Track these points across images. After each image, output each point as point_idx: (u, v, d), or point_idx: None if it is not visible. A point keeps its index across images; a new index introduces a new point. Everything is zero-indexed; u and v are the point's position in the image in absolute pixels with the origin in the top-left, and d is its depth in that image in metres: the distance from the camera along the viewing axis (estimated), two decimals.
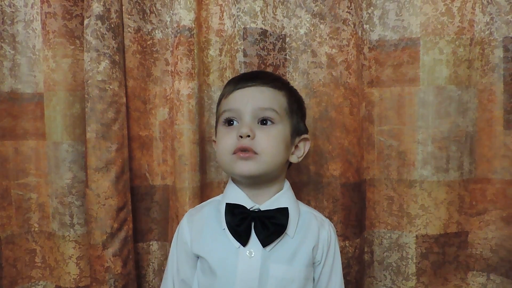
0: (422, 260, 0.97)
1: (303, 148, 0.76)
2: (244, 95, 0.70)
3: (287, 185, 0.75)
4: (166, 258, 1.02)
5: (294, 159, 0.74)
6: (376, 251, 1.02)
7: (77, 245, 0.98)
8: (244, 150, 0.67)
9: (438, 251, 0.97)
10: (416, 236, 0.97)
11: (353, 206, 0.97)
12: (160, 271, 1.03)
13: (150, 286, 1.03)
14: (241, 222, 0.68)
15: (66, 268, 0.99)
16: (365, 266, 1.02)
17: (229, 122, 0.71)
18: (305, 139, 0.76)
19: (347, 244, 0.96)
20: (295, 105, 0.74)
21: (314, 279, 0.73)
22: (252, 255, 0.68)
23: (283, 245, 0.69)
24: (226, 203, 0.70)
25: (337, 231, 0.95)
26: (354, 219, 0.97)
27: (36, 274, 1.04)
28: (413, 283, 0.98)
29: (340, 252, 0.95)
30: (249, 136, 0.67)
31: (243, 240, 0.68)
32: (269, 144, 0.68)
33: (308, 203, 0.97)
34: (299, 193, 0.98)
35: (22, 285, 1.02)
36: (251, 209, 0.70)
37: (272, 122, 0.69)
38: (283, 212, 0.69)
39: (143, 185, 1.02)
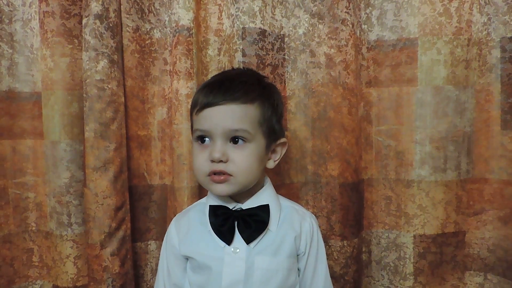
0: (420, 260, 0.98)
1: (280, 151, 0.75)
2: (214, 115, 0.68)
3: (267, 182, 0.76)
4: None
5: (270, 164, 0.75)
6: (374, 250, 1.02)
7: (74, 245, 0.98)
8: (217, 173, 0.68)
9: (435, 251, 0.97)
10: (414, 236, 0.98)
11: (351, 206, 0.97)
12: None
13: (148, 285, 1.03)
14: (224, 222, 0.70)
15: (63, 268, 0.98)
16: (363, 266, 1.03)
17: (202, 139, 0.70)
18: (282, 144, 0.75)
19: (345, 244, 0.96)
20: (270, 111, 0.72)
21: (299, 270, 0.75)
22: (237, 251, 0.70)
23: (266, 239, 0.71)
24: (210, 205, 0.72)
25: (335, 231, 0.96)
26: (352, 219, 0.98)
27: (33, 273, 1.03)
28: (411, 283, 0.98)
29: (338, 252, 0.96)
30: (221, 160, 0.67)
31: (228, 239, 0.70)
32: (243, 165, 0.68)
33: (306, 203, 0.98)
34: (298, 193, 0.98)
35: (19, 284, 1.02)
36: (233, 209, 0.72)
37: (245, 141, 0.68)
38: (264, 209, 0.71)
39: (141, 185, 1.02)
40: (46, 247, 1.03)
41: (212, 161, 0.68)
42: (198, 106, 0.70)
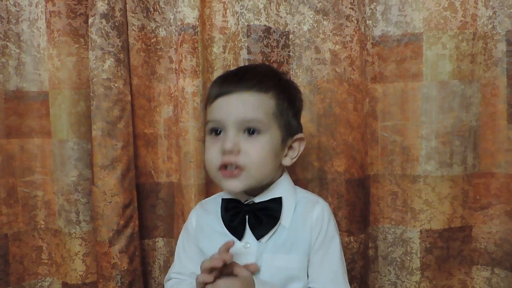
0: (427, 254, 0.97)
1: (298, 148, 0.72)
2: (227, 104, 0.67)
3: (284, 174, 0.73)
4: (172, 255, 1.02)
5: (287, 161, 0.71)
6: (380, 246, 1.03)
7: (83, 242, 0.99)
8: (228, 167, 0.65)
9: (442, 245, 0.97)
10: (420, 231, 0.98)
11: (358, 201, 0.98)
12: (166, 267, 1.04)
13: (156, 282, 1.04)
14: (234, 217, 0.68)
15: (72, 265, 0.99)
16: (369, 261, 1.03)
17: (215, 131, 0.68)
18: (300, 139, 0.73)
19: (351, 240, 0.97)
20: (285, 104, 0.70)
21: (308, 261, 0.70)
22: (248, 246, 0.68)
23: (279, 235, 0.68)
24: (222, 199, 0.71)
25: (341, 227, 0.96)
26: (359, 215, 0.98)
27: (43, 270, 1.05)
28: (418, 278, 0.98)
29: (345, 247, 0.96)
30: (233, 153, 0.64)
31: (238, 234, 0.68)
32: (255, 157, 0.65)
33: None
34: None
35: (29, 281, 1.03)
36: (245, 203, 0.69)
37: (259, 132, 0.66)
38: (277, 202, 0.68)
39: (148, 183, 1.02)
40: (55, 244, 1.04)
41: (224, 153, 0.65)
42: (211, 97, 0.69)
